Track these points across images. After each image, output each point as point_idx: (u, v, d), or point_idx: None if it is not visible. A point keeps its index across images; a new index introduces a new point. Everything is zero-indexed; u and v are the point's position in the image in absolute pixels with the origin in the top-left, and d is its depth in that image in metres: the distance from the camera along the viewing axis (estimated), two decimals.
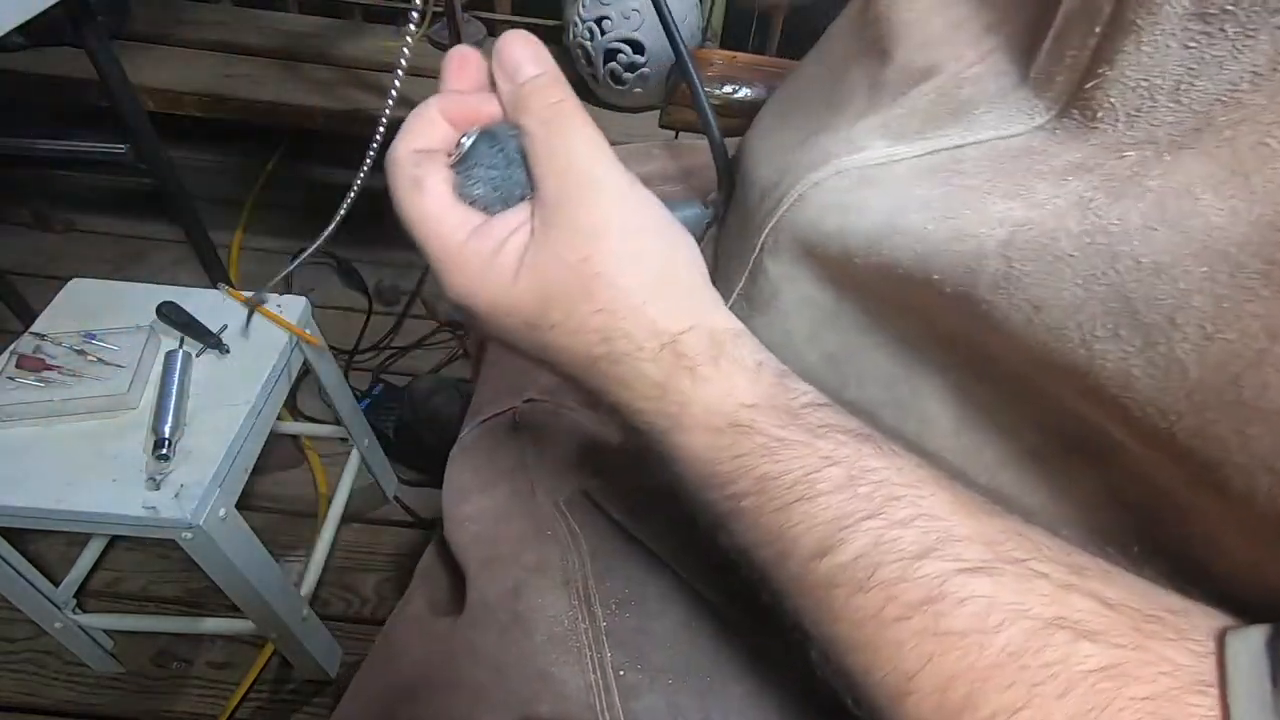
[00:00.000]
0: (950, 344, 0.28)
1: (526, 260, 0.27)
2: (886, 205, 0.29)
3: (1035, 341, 0.23)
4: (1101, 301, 0.22)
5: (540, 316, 0.27)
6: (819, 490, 0.24)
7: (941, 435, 0.29)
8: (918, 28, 0.33)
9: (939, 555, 0.22)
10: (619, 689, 0.36)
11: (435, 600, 0.45)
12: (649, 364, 0.27)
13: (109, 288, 0.85)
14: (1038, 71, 0.27)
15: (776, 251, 0.34)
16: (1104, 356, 0.22)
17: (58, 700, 0.94)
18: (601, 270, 0.26)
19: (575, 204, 0.26)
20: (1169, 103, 0.22)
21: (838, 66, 0.38)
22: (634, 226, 0.27)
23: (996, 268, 0.24)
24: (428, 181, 0.27)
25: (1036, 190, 0.25)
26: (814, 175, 0.32)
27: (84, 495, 0.66)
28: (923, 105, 0.31)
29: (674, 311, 0.27)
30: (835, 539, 0.23)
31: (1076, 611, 0.21)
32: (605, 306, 0.26)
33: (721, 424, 0.26)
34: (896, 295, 0.29)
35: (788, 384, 0.27)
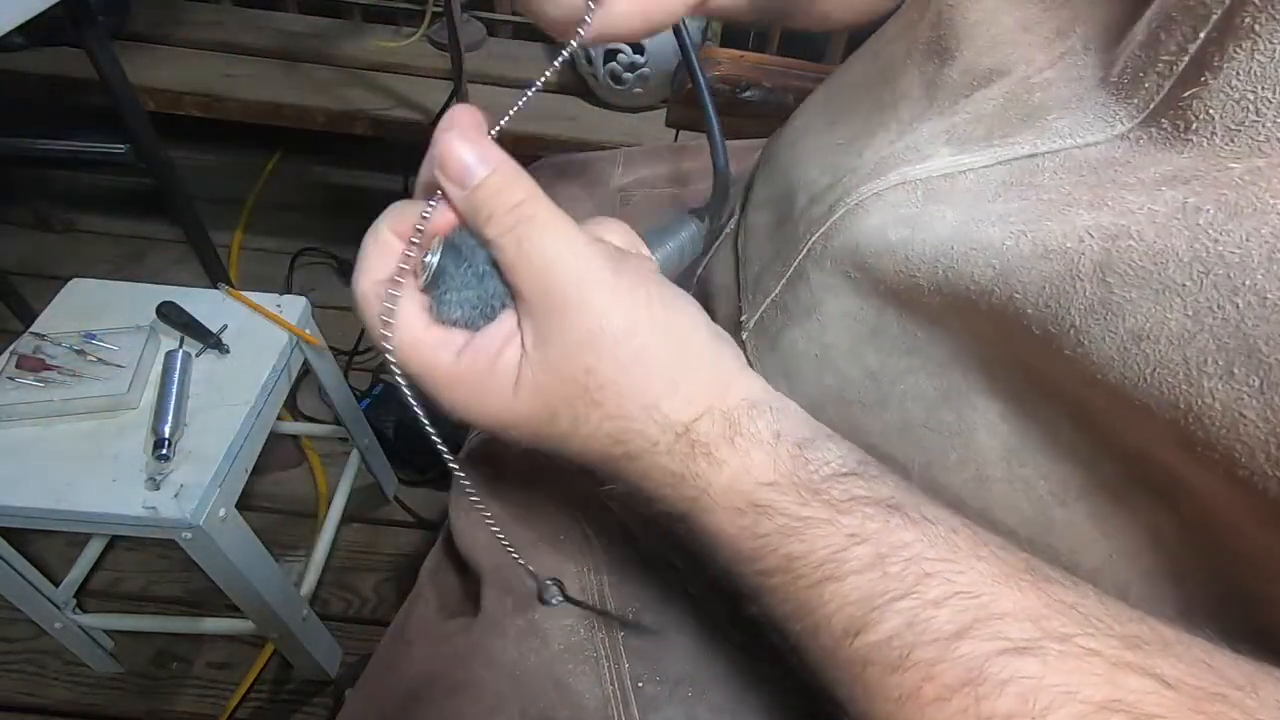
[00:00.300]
0: (1007, 369, 0.27)
1: (524, 376, 0.26)
2: (958, 218, 0.27)
3: (1130, 373, 0.22)
4: (1214, 335, 0.20)
5: (549, 425, 0.26)
6: (848, 570, 0.23)
7: (991, 464, 0.28)
8: (984, 27, 0.31)
9: (977, 635, 0.21)
10: (638, 701, 0.35)
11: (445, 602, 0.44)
12: (665, 457, 0.26)
13: (109, 288, 0.85)
14: (1120, 75, 0.25)
15: (822, 260, 0.32)
16: (1212, 395, 0.20)
17: (58, 700, 0.94)
18: (605, 381, 0.25)
19: (564, 316, 0.25)
20: (1277, 118, 0.20)
21: (890, 67, 0.36)
22: (631, 325, 0.25)
23: (1093, 291, 0.22)
24: (400, 314, 0.26)
25: (1125, 199, 0.23)
26: (874, 184, 0.31)
27: (84, 495, 0.66)
28: (989, 110, 0.29)
29: (687, 400, 0.26)
30: (867, 619, 0.23)
31: (1132, 693, 0.19)
32: (615, 414, 0.26)
33: (742, 504, 0.25)
34: (955, 315, 0.27)
35: (808, 455, 0.26)
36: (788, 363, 0.36)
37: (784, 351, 0.36)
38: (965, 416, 0.28)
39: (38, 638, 0.94)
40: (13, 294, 1.14)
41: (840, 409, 0.33)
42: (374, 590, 1.07)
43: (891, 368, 0.31)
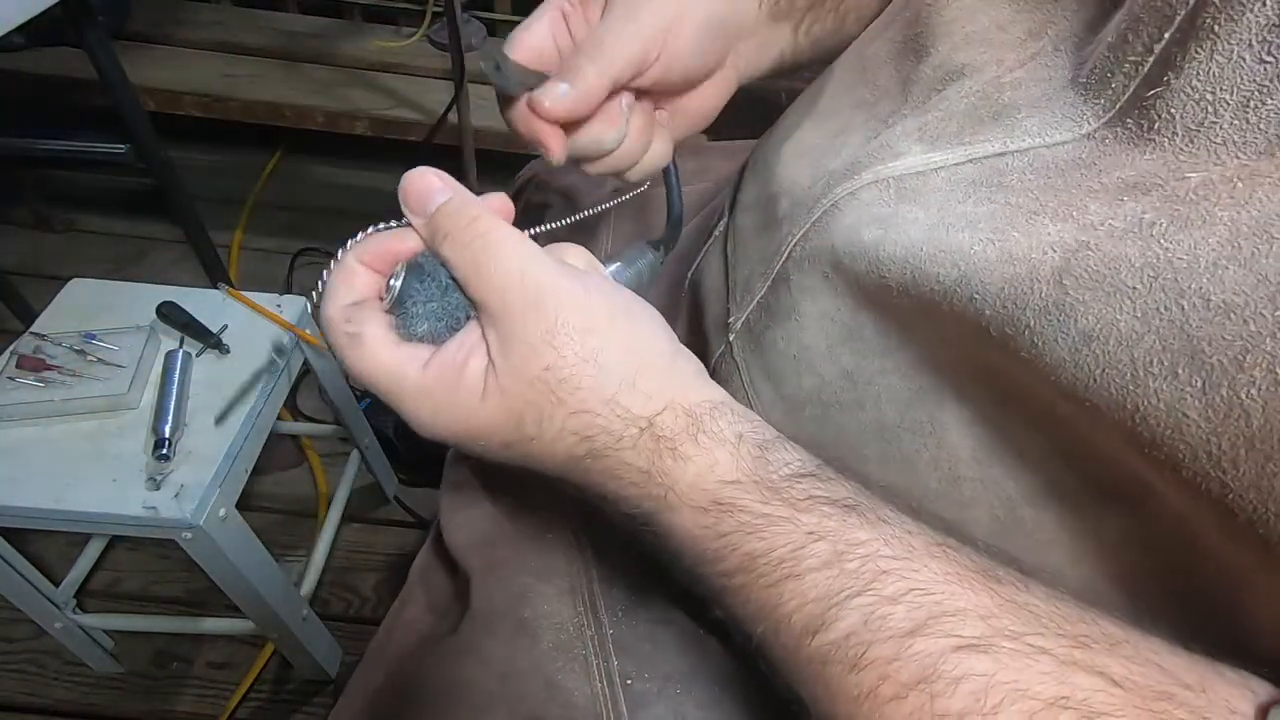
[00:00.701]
0: (974, 372, 0.27)
1: (490, 382, 0.26)
2: (929, 220, 0.27)
3: (1081, 374, 0.22)
4: (1160, 336, 0.20)
5: (516, 431, 0.27)
6: (806, 567, 0.24)
7: (962, 464, 0.28)
8: (960, 24, 0.32)
9: (931, 631, 0.22)
10: (626, 698, 0.36)
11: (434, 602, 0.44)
12: (630, 452, 0.27)
13: (109, 288, 0.85)
14: (1089, 75, 0.25)
15: (801, 262, 0.33)
16: (1157, 395, 0.20)
17: (58, 700, 0.94)
18: (566, 375, 0.26)
19: (524, 319, 0.26)
20: (1235, 119, 0.21)
21: (872, 66, 0.36)
22: (587, 324, 0.26)
23: (1048, 293, 0.23)
24: (365, 332, 0.27)
25: (1089, 210, 0.23)
26: (849, 184, 0.31)
27: (84, 495, 0.66)
28: (961, 108, 0.29)
29: (646, 395, 0.27)
30: (825, 616, 0.23)
31: (1080, 691, 0.20)
32: (577, 409, 0.26)
33: (705, 503, 0.26)
34: (923, 317, 0.28)
35: (769, 457, 0.27)
36: (770, 364, 0.36)
37: (766, 352, 0.36)
38: (937, 417, 0.29)
39: (38, 638, 0.94)
40: (13, 294, 1.14)
41: (818, 409, 0.33)
42: (374, 590, 1.07)
43: (866, 369, 0.31)
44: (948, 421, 0.29)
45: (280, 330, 0.82)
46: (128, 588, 1.04)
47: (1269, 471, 0.19)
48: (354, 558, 1.10)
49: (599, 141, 0.34)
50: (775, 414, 0.36)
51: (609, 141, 0.34)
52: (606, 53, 0.32)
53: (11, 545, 0.77)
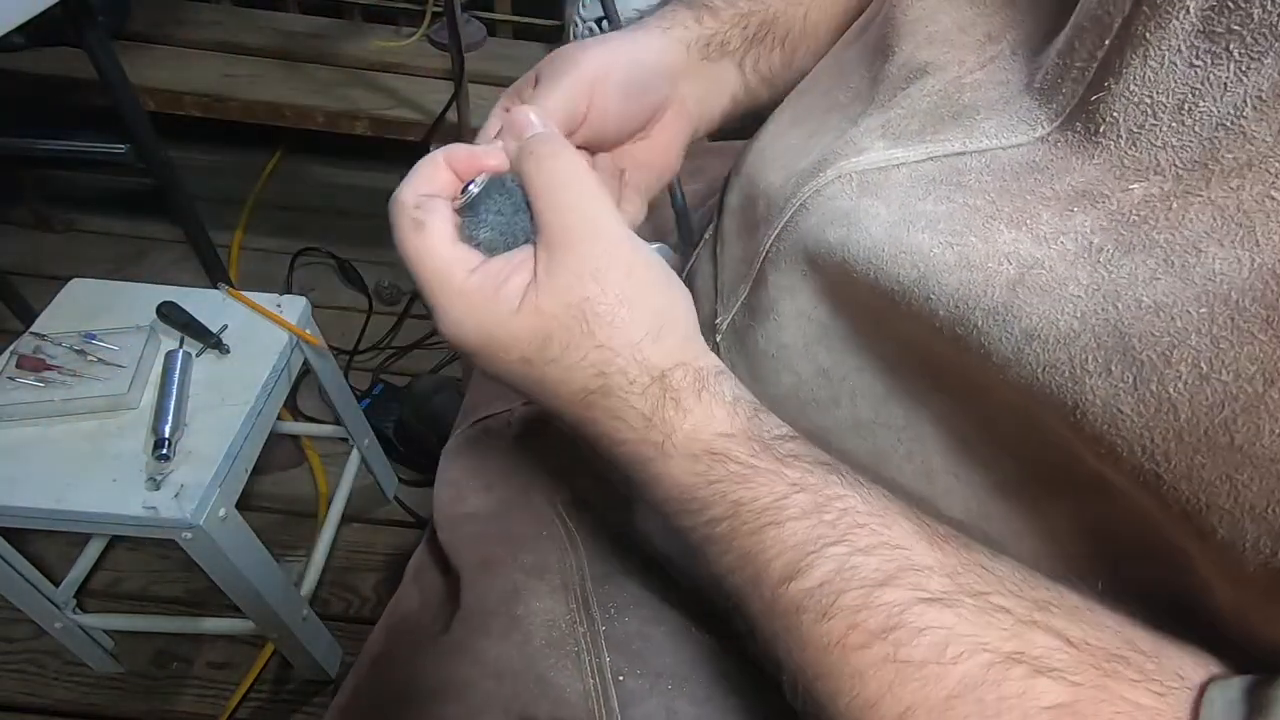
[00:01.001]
0: (939, 368, 0.28)
1: (528, 298, 0.28)
2: (890, 217, 0.28)
3: (1025, 372, 0.23)
4: (1095, 335, 0.22)
5: (539, 351, 0.28)
6: (788, 515, 0.25)
7: (935, 458, 0.29)
8: (923, 24, 0.33)
9: (899, 583, 0.23)
10: (618, 694, 0.36)
11: (427, 601, 0.45)
12: (638, 397, 0.28)
13: (109, 288, 0.85)
14: (1043, 80, 0.27)
15: (778, 262, 0.34)
16: (1093, 391, 0.22)
17: (58, 700, 0.94)
18: (602, 311, 0.27)
19: (578, 246, 0.28)
20: (1172, 122, 0.22)
21: (846, 67, 0.37)
22: (633, 270, 0.28)
23: (998, 297, 0.24)
24: (430, 220, 0.29)
25: (1041, 219, 0.25)
26: (815, 182, 0.32)
27: (84, 495, 0.66)
28: (924, 106, 0.30)
29: (667, 351, 0.28)
30: (802, 563, 0.24)
31: (1036, 647, 0.21)
32: (604, 343, 0.28)
33: (699, 451, 0.27)
34: (888, 315, 0.29)
35: (761, 418, 0.28)
36: (753, 363, 0.37)
37: (750, 352, 0.37)
38: (910, 413, 0.30)
39: (38, 638, 0.94)
40: (13, 294, 1.14)
41: (797, 407, 0.34)
42: (374, 590, 1.07)
43: (841, 366, 0.32)
44: (920, 417, 0.30)
45: (280, 330, 0.82)
46: (128, 588, 1.04)
47: (1197, 464, 0.20)
48: (354, 558, 1.10)
49: None
50: None
51: None
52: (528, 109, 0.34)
53: (11, 545, 0.77)
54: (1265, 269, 0.19)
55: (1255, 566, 0.19)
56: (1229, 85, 0.21)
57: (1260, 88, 0.20)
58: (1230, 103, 0.21)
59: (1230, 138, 0.21)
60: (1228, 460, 0.19)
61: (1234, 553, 0.20)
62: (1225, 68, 0.21)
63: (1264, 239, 0.20)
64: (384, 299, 1.44)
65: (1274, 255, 0.19)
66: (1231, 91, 0.21)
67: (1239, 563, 0.20)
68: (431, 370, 1.35)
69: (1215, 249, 0.20)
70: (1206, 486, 0.20)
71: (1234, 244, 0.20)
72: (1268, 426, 0.19)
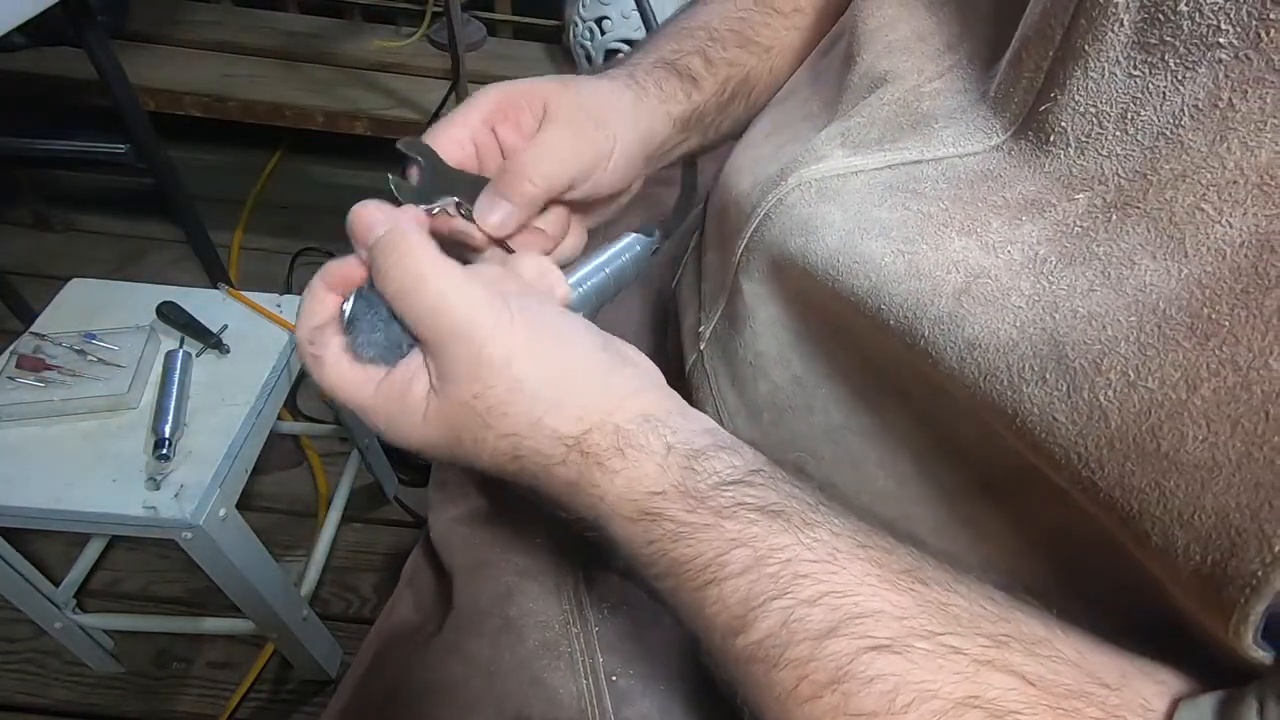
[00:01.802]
0: (901, 375, 0.28)
1: (430, 406, 0.28)
2: (846, 224, 0.29)
3: (968, 380, 0.24)
4: (1032, 344, 0.22)
5: (457, 447, 0.29)
6: (728, 573, 0.25)
7: (906, 462, 0.29)
8: (883, 33, 0.33)
9: (846, 633, 0.22)
10: (611, 695, 0.36)
11: (422, 603, 0.45)
12: (559, 467, 0.28)
13: (109, 288, 0.85)
14: (997, 90, 0.27)
15: (750, 271, 0.34)
16: (1030, 400, 0.22)
17: (58, 700, 0.94)
18: (492, 403, 0.27)
19: (451, 349, 0.28)
20: (1116, 131, 0.23)
21: (820, 79, 0.38)
22: (508, 353, 0.27)
23: (944, 306, 0.24)
24: (324, 354, 0.30)
25: (991, 227, 0.25)
26: (777, 191, 0.32)
27: (84, 495, 0.66)
28: (882, 114, 0.31)
29: (574, 417, 0.28)
30: (746, 619, 0.24)
31: (993, 689, 0.20)
32: (506, 432, 0.28)
33: (633, 513, 0.27)
34: (851, 322, 0.29)
35: (697, 466, 0.27)
36: (734, 371, 0.37)
37: (731, 360, 0.37)
38: (879, 418, 0.30)
39: (38, 638, 0.94)
40: (13, 294, 1.14)
41: (774, 414, 0.34)
42: (374, 590, 1.07)
43: (812, 373, 0.32)
44: (888, 422, 0.30)
45: (280, 330, 0.82)
46: (128, 588, 1.04)
47: (1128, 471, 0.20)
48: (354, 558, 1.10)
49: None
50: (739, 419, 0.37)
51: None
52: (546, 175, 0.34)
53: (11, 545, 0.77)
54: (1191, 279, 0.20)
55: (1188, 573, 0.19)
56: (1167, 94, 0.21)
57: (1196, 96, 0.21)
58: (1169, 112, 0.21)
59: (1169, 147, 0.21)
60: (1155, 467, 0.20)
61: (1169, 559, 0.20)
62: (1162, 77, 0.22)
63: (1192, 250, 0.20)
64: None
65: (1200, 266, 0.20)
66: (1170, 101, 0.21)
67: (1174, 569, 0.20)
68: None
69: (1148, 261, 0.21)
70: (1138, 494, 0.20)
71: (1165, 256, 0.20)
72: (1191, 433, 0.19)
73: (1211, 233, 0.20)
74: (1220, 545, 0.18)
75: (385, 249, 0.28)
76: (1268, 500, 0.18)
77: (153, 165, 1.13)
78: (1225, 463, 0.18)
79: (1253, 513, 0.18)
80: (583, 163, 0.35)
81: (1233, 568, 0.18)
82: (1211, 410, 0.19)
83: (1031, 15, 0.25)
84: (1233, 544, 0.18)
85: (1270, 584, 0.18)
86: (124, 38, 1.41)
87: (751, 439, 0.36)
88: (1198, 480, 0.19)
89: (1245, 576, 0.18)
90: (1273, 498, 0.18)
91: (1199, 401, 0.19)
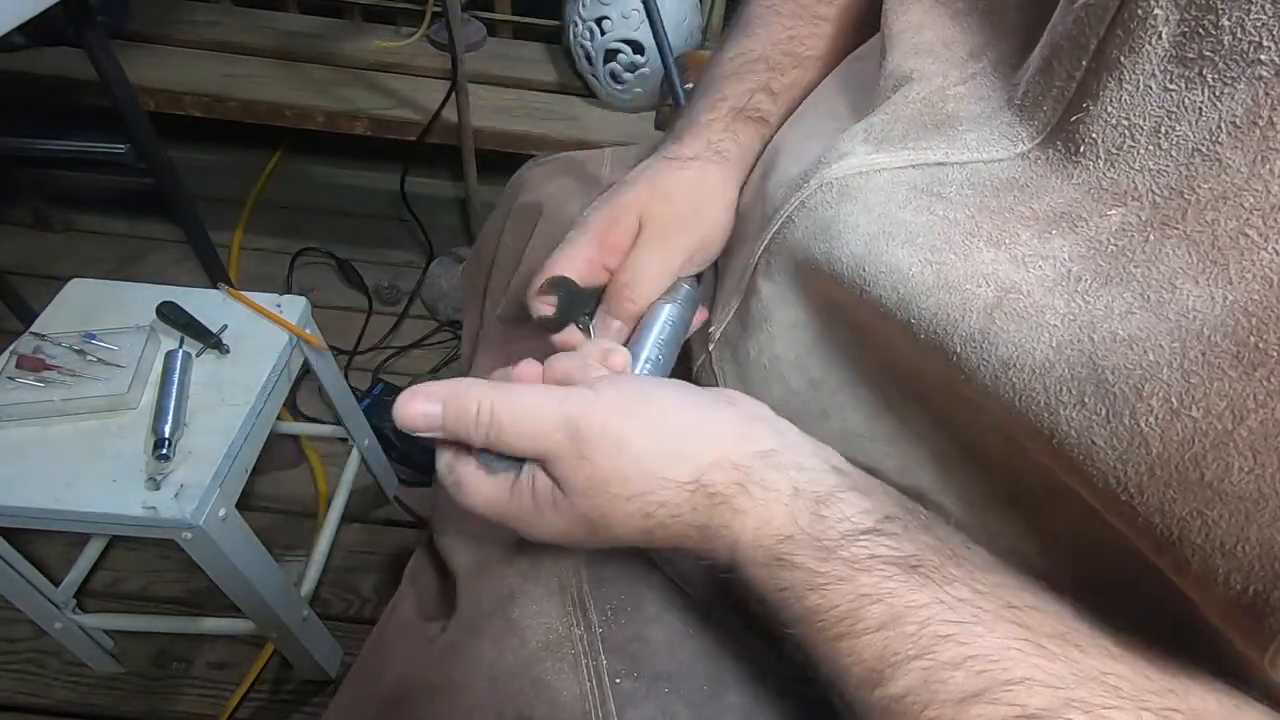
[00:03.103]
0: (927, 385, 0.28)
1: (557, 498, 0.30)
2: (870, 228, 0.28)
3: (1003, 400, 0.23)
4: (1070, 365, 0.22)
5: (589, 527, 0.30)
6: (864, 628, 0.24)
7: (925, 467, 0.29)
8: (908, 35, 0.33)
9: (993, 699, 0.21)
10: (614, 697, 0.36)
11: (424, 604, 0.45)
12: (689, 513, 0.28)
13: (109, 288, 0.85)
14: (1024, 98, 0.27)
15: (771, 273, 0.34)
16: (1068, 422, 0.22)
17: (58, 700, 0.94)
18: (606, 475, 0.29)
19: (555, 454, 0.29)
20: (1149, 145, 0.22)
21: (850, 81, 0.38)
22: (604, 426, 0.29)
23: (975, 323, 0.24)
24: (462, 479, 0.32)
25: (1020, 239, 0.25)
26: (801, 193, 0.32)
27: (84, 495, 0.66)
28: (907, 112, 0.31)
29: (686, 460, 0.29)
30: (882, 675, 0.23)
31: None
32: (630, 495, 0.29)
33: (764, 559, 0.27)
34: (878, 329, 0.29)
35: (825, 512, 0.27)
36: (745, 374, 0.37)
37: (742, 363, 0.37)
38: (902, 426, 0.30)
39: (38, 638, 0.94)
40: (13, 294, 1.14)
41: (787, 418, 0.34)
42: (374, 590, 1.07)
43: (833, 378, 0.32)
44: (910, 431, 0.29)
45: (280, 330, 0.82)
46: (128, 588, 1.04)
47: (1169, 498, 0.20)
48: (354, 558, 1.10)
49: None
50: None
51: None
52: (644, 295, 0.38)
53: (11, 545, 0.77)
54: (1237, 306, 0.19)
55: (1227, 602, 0.19)
56: (1204, 110, 0.21)
57: (1235, 113, 0.20)
58: (1205, 128, 0.21)
59: (1206, 165, 0.21)
60: (1199, 496, 0.19)
61: (1208, 586, 0.20)
62: (1199, 92, 0.21)
63: (1237, 276, 0.20)
64: (384, 299, 1.44)
65: (1246, 293, 0.19)
66: (1206, 117, 0.21)
67: (1213, 597, 0.20)
68: (431, 370, 1.35)
69: (1190, 286, 0.20)
70: (1179, 521, 0.20)
71: (1208, 281, 0.20)
72: (1237, 464, 0.19)
73: (1257, 259, 0.19)
74: (1263, 576, 0.18)
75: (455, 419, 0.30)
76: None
77: (153, 165, 1.13)
78: (1272, 495, 0.18)
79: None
80: (676, 268, 0.39)
81: (1275, 599, 0.18)
82: (1259, 442, 0.18)
83: (1063, 24, 0.25)
84: (1276, 575, 0.18)
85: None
86: (124, 38, 1.41)
87: None
88: (1242, 511, 0.18)
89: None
90: None
91: (1245, 433, 0.18)
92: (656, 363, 0.37)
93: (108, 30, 1.11)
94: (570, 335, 0.39)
